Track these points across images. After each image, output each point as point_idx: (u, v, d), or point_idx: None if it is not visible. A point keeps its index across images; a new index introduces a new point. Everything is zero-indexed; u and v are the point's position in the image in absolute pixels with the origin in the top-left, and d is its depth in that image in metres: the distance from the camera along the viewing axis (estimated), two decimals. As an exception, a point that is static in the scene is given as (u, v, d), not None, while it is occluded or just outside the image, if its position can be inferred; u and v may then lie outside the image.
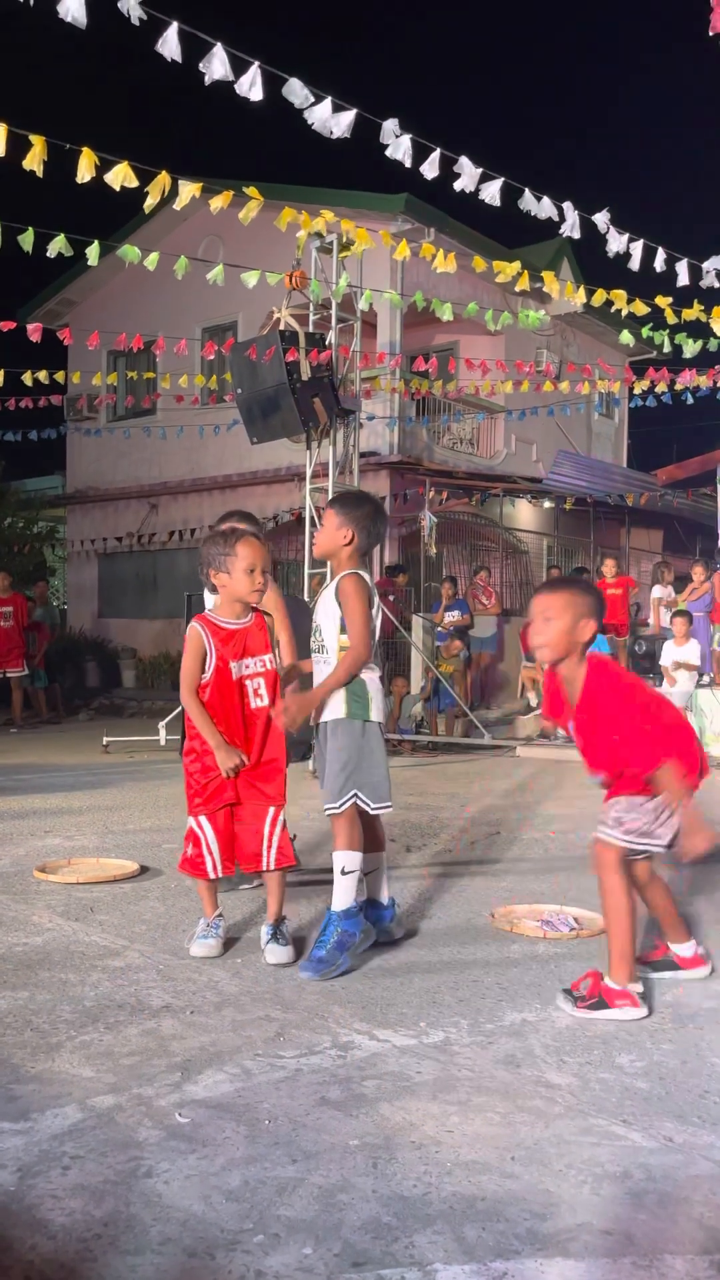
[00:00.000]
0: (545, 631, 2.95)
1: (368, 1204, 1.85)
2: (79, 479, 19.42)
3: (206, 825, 3.32)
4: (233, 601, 3.37)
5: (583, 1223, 1.81)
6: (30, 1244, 1.72)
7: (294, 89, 4.79)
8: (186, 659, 3.33)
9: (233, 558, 3.31)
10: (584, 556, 17.43)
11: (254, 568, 3.32)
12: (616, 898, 2.89)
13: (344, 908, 3.21)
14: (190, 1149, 2.04)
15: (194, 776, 3.35)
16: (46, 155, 4.93)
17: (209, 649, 3.31)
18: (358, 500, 3.53)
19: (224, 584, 3.35)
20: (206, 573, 3.37)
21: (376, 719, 3.33)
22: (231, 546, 3.33)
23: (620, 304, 7.44)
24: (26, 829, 5.53)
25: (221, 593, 3.38)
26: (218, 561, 3.33)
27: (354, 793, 3.26)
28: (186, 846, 3.37)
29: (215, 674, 3.32)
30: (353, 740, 3.29)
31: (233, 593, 3.35)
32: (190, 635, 3.34)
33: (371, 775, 3.28)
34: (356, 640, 3.28)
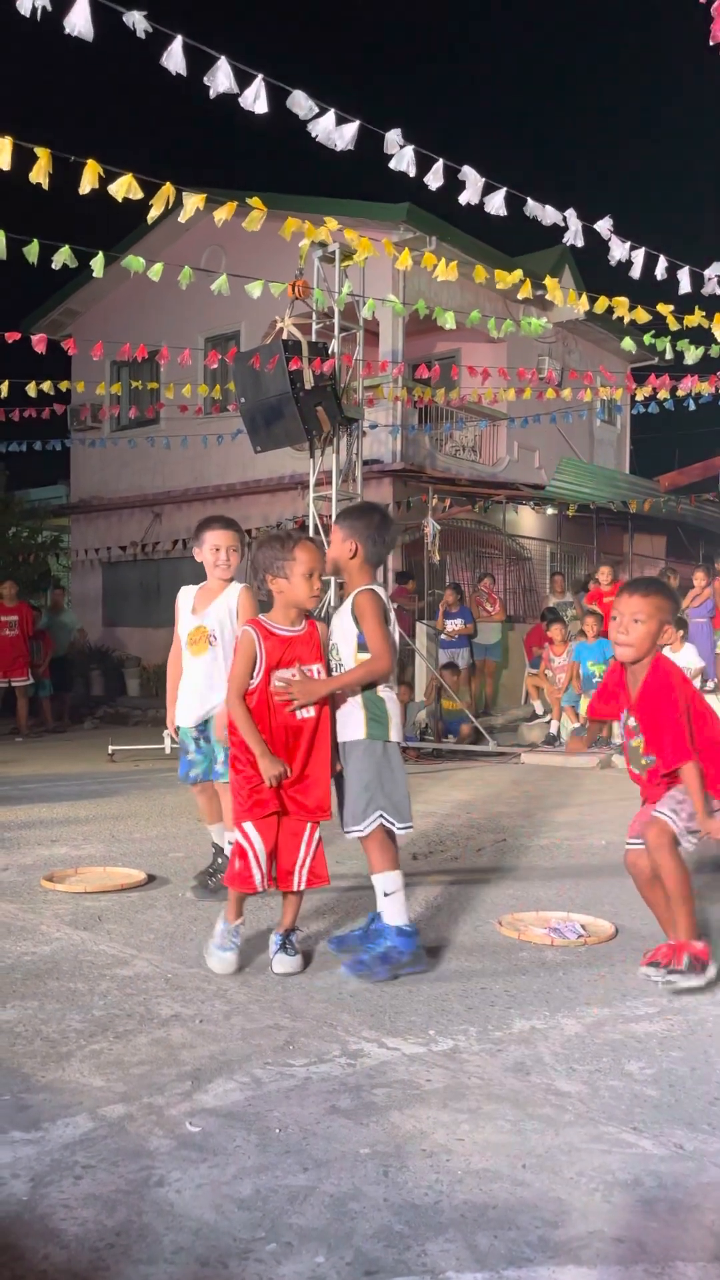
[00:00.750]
0: (632, 632, 3.13)
1: (379, 1212, 1.86)
2: (83, 489, 19.47)
3: (254, 834, 3.18)
4: (289, 607, 3.27)
5: (594, 1230, 1.81)
6: (43, 1254, 1.72)
7: (298, 101, 4.81)
8: (237, 663, 3.23)
9: (292, 562, 3.22)
10: (587, 563, 17.44)
11: (313, 572, 3.24)
12: (680, 873, 3.09)
13: (398, 924, 3.22)
14: (201, 1158, 2.05)
15: (239, 786, 3.23)
16: (52, 168, 4.97)
17: (260, 654, 3.20)
18: (361, 511, 3.51)
19: (282, 589, 3.24)
20: (263, 578, 3.27)
21: (396, 739, 3.31)
22: (290, 551, 3.23)
23: (622, 311, 7.46)
24: (33, 838, 5.54)
25: (279, 599, 3.27)
26: (275, 567, 3.24)
27: (379, 813, 3.23)
28: (234, 860, 3.24)
29: (264, 681, 3.20)
30: (373, 761, 3.27)
31: (291, 598, 3.25)
32: (243, 639, 3.24)
33: (394, 794, 3.27)
34: (378, 654, 3.26)
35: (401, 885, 3.28)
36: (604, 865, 4.99)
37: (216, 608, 4.18)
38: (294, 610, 3.28)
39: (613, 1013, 2.92)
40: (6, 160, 4.92)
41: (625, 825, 6.06)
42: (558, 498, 15.00)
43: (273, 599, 3.32)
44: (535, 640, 12.83)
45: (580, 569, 17.40)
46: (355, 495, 10.03)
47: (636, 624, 3.12)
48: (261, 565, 3.28)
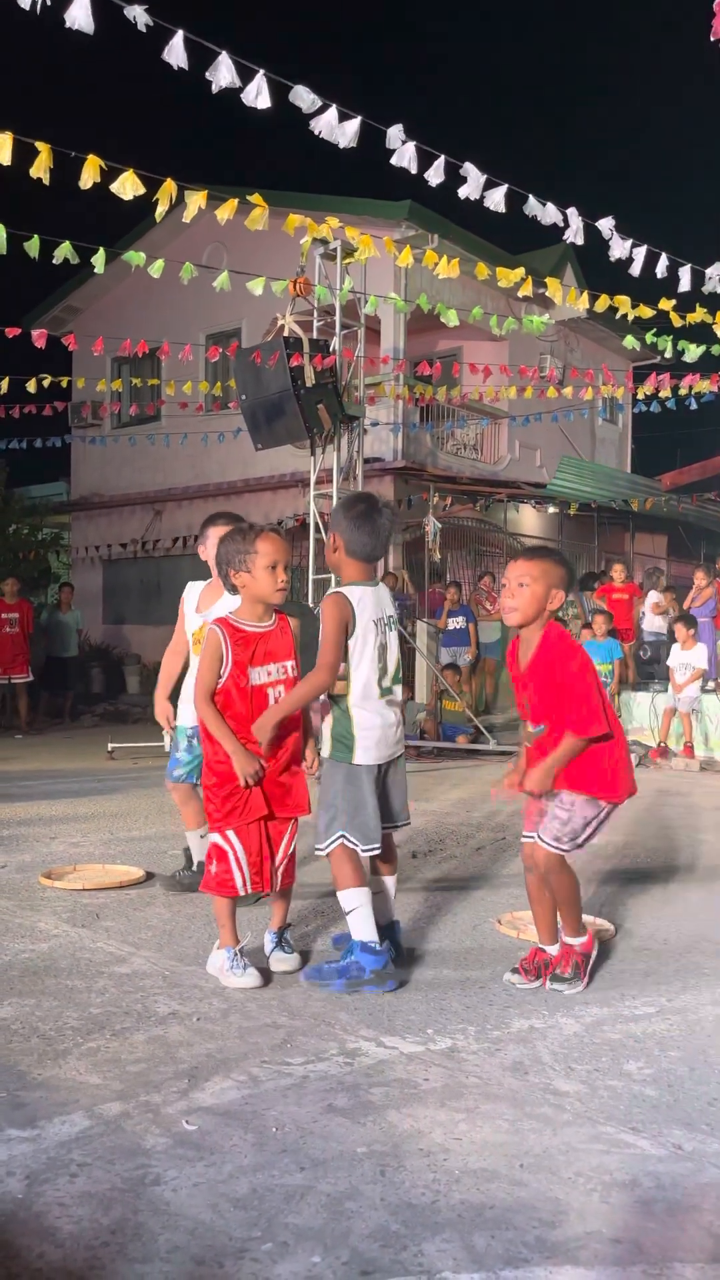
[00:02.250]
0: (519, 596, 3.09)
1: (376, 1212, 1.85)
2: (83, 486, 19.45)
3: (235, 840, 3.12)
4: (255, 602, 3.20)
5: (592, 1231, 1.80)
6: (38, 1252, 1.71)
7: (300, 95, 4.79)
8: (202, 663, 3.15)
9: (254, 555, 3.14)
10: (588, 562, 17.42)
11: (276, 564, 3.14)
12: (570, 884, 3.15)
13: (363, 939, 3.09)
14: (198, 1156, 2.04)
15: (214, 789, 3.16)
16: (53, 163, 4.95)
17: (225, 653, 3.13)
18: (346, 503, 3.33)
19: (245, 584, 3.16)
20: (226, 573, 3.20)
21: (363, 762, 3.16)
22: (251, 543, 3.15)
23: (624, 309, 7.44)
24: (32, 835, 5.53)
25: (243, 593, 3.20)
26: (237, 560, 3.15)
27: (340, 834, 3.14)
28: (210, 864, 3.16)
29: (230, 680, 3.14)
30: (335, 781, 3.18)
31: (255, 593, 3.17)
32: (208, 638, 3.16)
33: (356, 816, 3.15)
34: (319, 666, 3.10)
35: (366, 901, 3.12)
36: (602, 864, 4.98)
37: (221, 606, 4.13)
38: (260, 605, 3.20)
39: (611, 1012, 2.91)
40: (7, 156, 4.90)
41: (626, 826, 6.08)
42: (559, 496, 14.98)
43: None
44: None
45: (581, 568, 17.38)
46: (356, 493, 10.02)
47: (523, 588, 3.06)
48: (224, 559, 3.19)
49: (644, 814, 6.70)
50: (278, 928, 3.31)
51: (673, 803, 7.25)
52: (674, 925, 3.87)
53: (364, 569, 3.25)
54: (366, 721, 3.17)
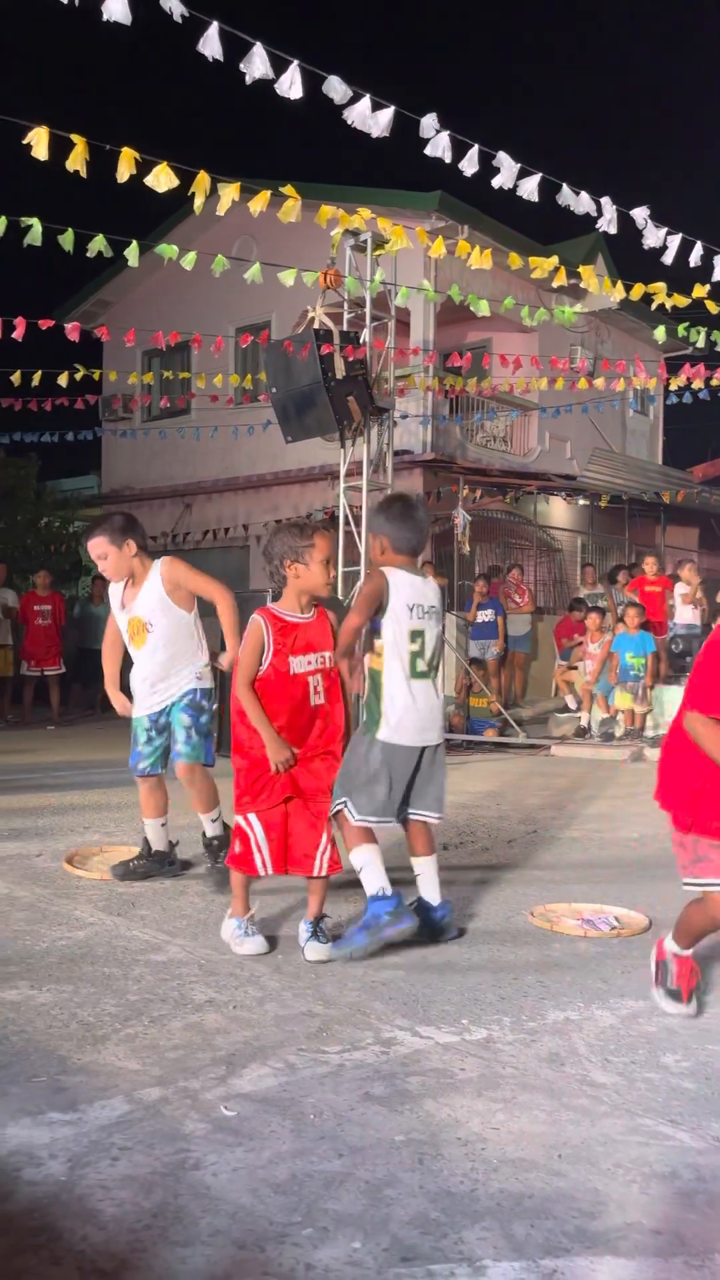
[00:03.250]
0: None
1: (415, 1199, 1.85)
2: (114, 479, 19.56)
3: (256, 823, 3.25)
4: (301, 594, 3.31)
5: (632, 1222, 1.80)
6: (81, 1234, 1.73)
7: (333, 86, 4.79)
8: (245, 652, 3.26)
9: (311, 549, 3.26)
10: (619, 554, 17.30)
11: (329, 559, 3.32)
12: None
13: (373, 892, 3.22)
14: (237, 1142, 2.05)
15: (243, 773, 3.29)
16: (89, 155, 4.97)
17: (267, 642, 3.24)
18: (380, 506, 3.57)
19: (299, 575, 3.28)
20: (281, 563, 3.28)
21: (388, 740, 3.27)
22: (310, 538, 3.28)
23: (660, 297, 7.37)
24: (66, 825, 5.59)
25: (293, 584, 3.29)
26: (296, 552, 3.26)
27: (343, 800, 3.26)
28: (234, 843, 3.32)
29: (271, 668, 3.24)
30: (356, 751, 3.32)
31: (308, 584, 3.29)
32: (251, 627, 3.27)
33: (364, 789, 3.25)
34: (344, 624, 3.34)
35: (372, 857, 3.24)
36: (637, 858, 4.96)
37: (144, 596, 4.13)
38: (305, 596, 3.32)
39: (648, 1005, 2.89)
40: (44, 150, 4.93)
41: (657, 819, 6.04)
42: (589, 489, 14.89)
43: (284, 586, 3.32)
44: (565, 632, 12.76)
45: (611, 560, 17.27)
46: (386, 486, 10.01)
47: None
48: (281, 552, 3.29)
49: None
50: (313, 916, 3.34)
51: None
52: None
53: (409, 562, 3.45)
54: (396, 700, 3.29)
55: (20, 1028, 2.64)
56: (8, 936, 3.46)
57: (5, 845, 5.01)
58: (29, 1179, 1.90)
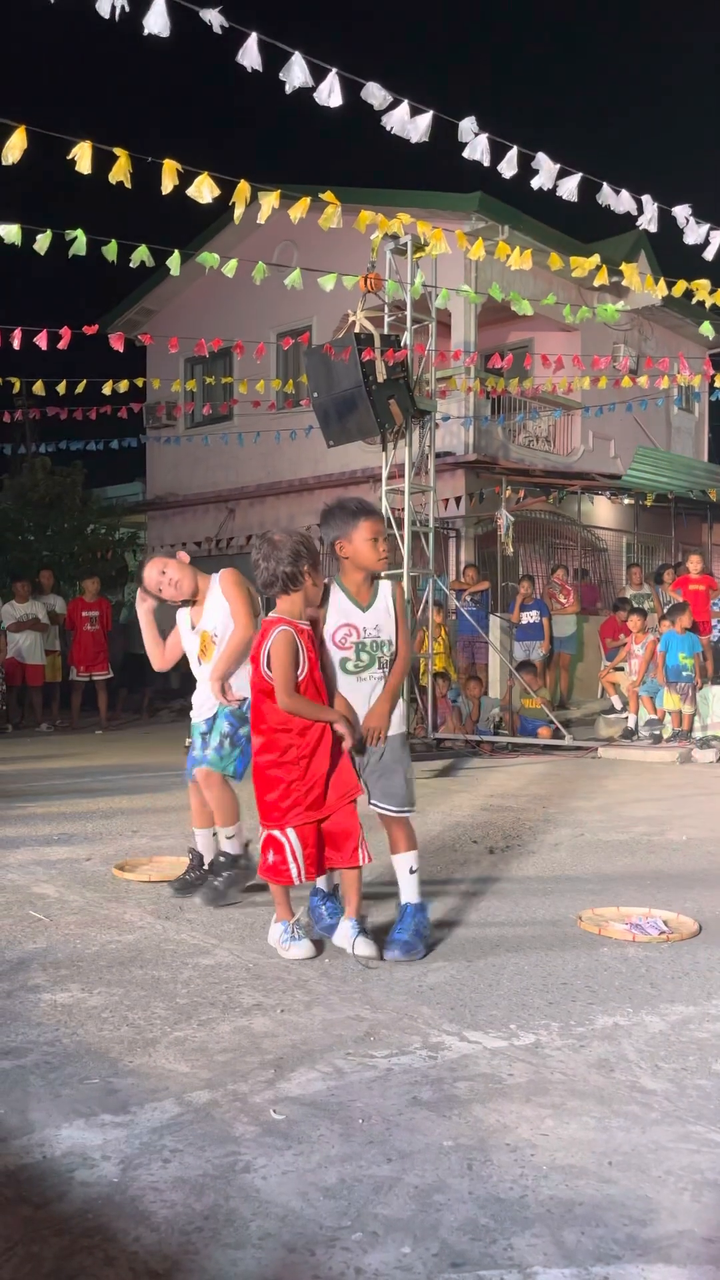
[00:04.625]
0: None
1: (464, 1205, 1.85)
2: (158, 485, 19.76)
3: (294, 835, 3.26)
4: (357, 571, 3.34)
5: (684, 1230, 1.78)
6: (134, 1235, 1.76)
7: (372, 92, 4.80)
8: (283, 661, 3.24)
9: (360, 529, 3.30)
10: (665, 554, 17.12)
11: (377, 537, 3.33)
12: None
13: (419, 901, 3.42)
14: (286, 1145, 2.07)
15: (281, 787, 3.28)
16: (131, 167, 5.04)
17: (301, 652, 3.28)
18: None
19: (350, 554, 3.31)
20: (303, 570, 3.28)
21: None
22: (357, 519, 3.31)
23: (702, 294, 7.29)
24: (115, 829, 5.65)
25: (307, 591, 3.31)
26: (345, 532, 3.30)
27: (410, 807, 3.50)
28: (267, 853, 3.30)
29: (308, 675, 3.29)
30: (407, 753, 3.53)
31: (360, 561, 3.32)
32: (285, 639, 3.26)
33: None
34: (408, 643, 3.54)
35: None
36: (685, 861, 4.91)
37: (210, 610, 4.20)
38: (362, 574, 3.36)
39: (698, 1011, 2.87)
40: (88, 164, 5.00)
41: (707, 821, 5.97)
42: (634, 487, 14.74)
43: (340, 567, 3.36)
44: (609, 632, 12.64)
45: (657, 560, 17.08)
46: (428, 488, 10.00)
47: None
48: (301, 558, 3.28)
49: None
50: (355, 914, 3.34)
51: (756, 799, 7.09)
52: (761, 923, 3.79)
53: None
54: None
55: (72, 1030, 2.68)
56: (59, 940, 3.51)
57: (55, 850, 5.08)
58: (82, 1180, 1.93)
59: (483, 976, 3.15)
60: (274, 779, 3.31)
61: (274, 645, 3.26)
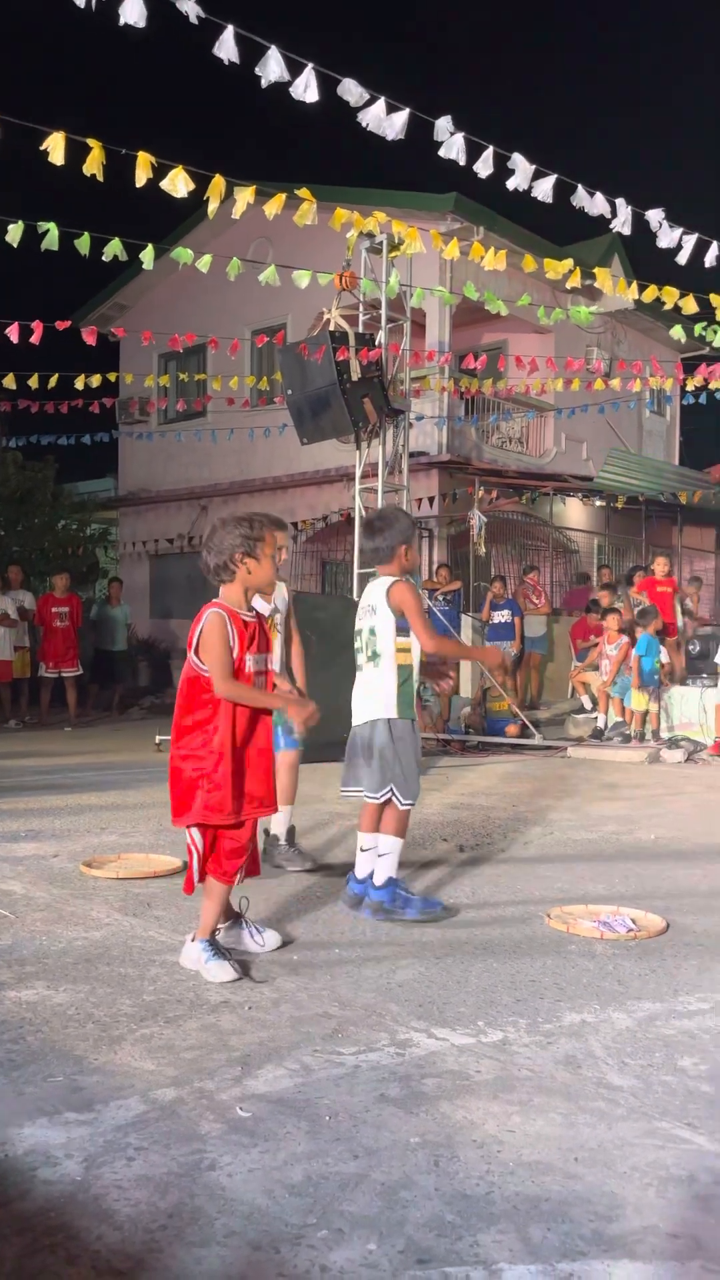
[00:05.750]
0: None
1: (430, 1202, 1.85)
2: (131, 481, 19.64)
3: (198, 835, 3.14)
4: (250, 590, 3.20)
5: (649, 1225, 1.79)
6: (97, 1234, 1.74)
7: (348, 89, 4.79)
8: (217, 646, 3.05)
9: (263, 544, 3.15)
10: (636, 555, 17.24)
11: (276, 553, 3.27)
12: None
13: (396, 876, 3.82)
14: (252, 1143, 2.05)
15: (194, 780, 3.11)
16: (105, 159, 5.00)
17: (232, 638, 3.09)
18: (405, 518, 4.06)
19: (251, 569, 3.15)
20: (232, 557, 3.13)
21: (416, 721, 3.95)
22: (261, 531, 3.14)
23: (671, 300, 7.34)
24: (83, 826, 5.60)
25: (241, 581, 3.17)
26: (247, 546, 3.13)
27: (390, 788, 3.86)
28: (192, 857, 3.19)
29: (235, 666, 3.11)
30: (406, 738, 3.90)
31: (259, 580, 3.19)
32: (216, 622, 3.08)
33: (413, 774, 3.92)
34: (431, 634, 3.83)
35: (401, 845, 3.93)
36: (653, 860, 4.94)
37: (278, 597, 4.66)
38: (254, 592, 3.29)
39: (665, 1008, 2.88)
40: (60, 155, 4.95)
41: (675, 821, 6.01)
42: (606, 490, 14.83)
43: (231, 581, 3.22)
44: (580, 633, 12.72)
45: (628, 562, 17.21)
46: (401, 487, 10.01)
47: None
48: (232, 546, 3.14)
49: (696, 809, 6.63)
50: (206, 934, 3.19)
51: (723, 799, 7.15)
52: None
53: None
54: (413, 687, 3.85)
55: (37, 1028, 2.65)
56: (24, 937, 3.47)
57: (22, 846, 5.03)
58: (45, 1179, 1.91)
59: (451, 974, 3.15)
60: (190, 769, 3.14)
61: (204, 629, 3.09)
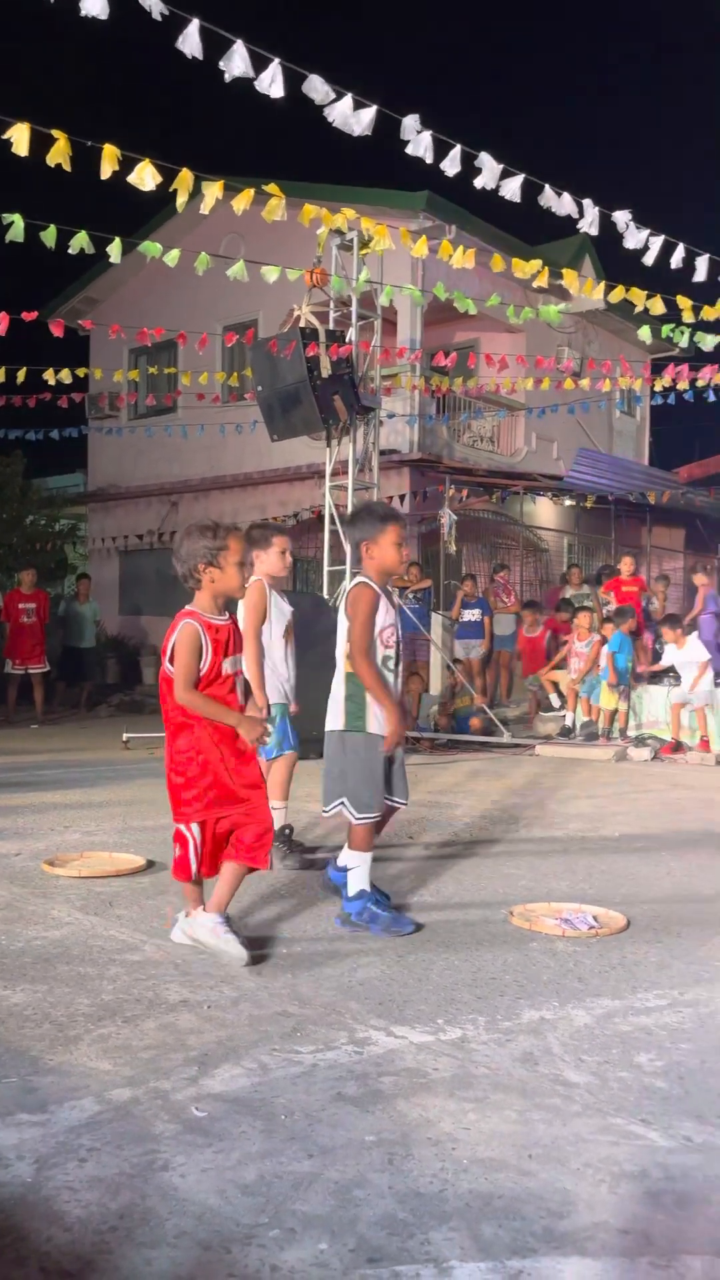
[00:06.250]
0: None
1: (384, 1200, 1.85)
2: (100, 477, 19.51)
3: (198, 831, 3.26)
4: (218, 596, 3.32)
5: (600, 1221, 1.80)
6: (46, 1235, 1.72)
7: (314, 85, 4.77)
8: (185, 656, 3.21)
9: (227, 552, 3.26)
10: (605, 555, 17.35)
11: (243, 561, 3.35)
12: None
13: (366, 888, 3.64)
14: (206, 1143, 2.04)
15: (188, 782, 3.26)
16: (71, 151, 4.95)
17: (205, 646, 3.24)
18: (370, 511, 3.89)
19: (215, 578, 3.28)
20: (195, 567, 3.27)
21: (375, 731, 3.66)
22: (224, 540, 3.27)
23: (638, 302, 7.38)
24: (46, 824, 5.56)
25: (209, 588, 3.29)
26: (210, 555, 3.26)
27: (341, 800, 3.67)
28: (175, 848, 3.33)
29: (210, 671, 3.25)
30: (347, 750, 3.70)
31: (225, 587, 3.30)
32: (189, 632, 3.23)
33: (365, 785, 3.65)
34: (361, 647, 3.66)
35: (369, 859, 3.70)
36: (617, 857, 4.97)
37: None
38: (222, 599, 3.34)
39: (623, 1004, 2.90)
40: (24, 146, 4.90)
41: (640, 818, 6.05)
42: (575, 489, 14.91)
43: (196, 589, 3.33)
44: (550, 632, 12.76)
45: (598, 561, 17.31)
46: (372, 485, 10.01)
47: None
48: (194, 555, 3.27)
49: (662, 807, 6.68)
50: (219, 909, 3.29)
51: (688, 796, 7.22)
52: (688, 918, 3.85)
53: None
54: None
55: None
56: (-17, 936, 3.44)
57: (-16, 844, 4.98)
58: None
59: (412, 972, 3.16)
60: (180, 776, 3.29)
61: (177, 640, 3.25)
